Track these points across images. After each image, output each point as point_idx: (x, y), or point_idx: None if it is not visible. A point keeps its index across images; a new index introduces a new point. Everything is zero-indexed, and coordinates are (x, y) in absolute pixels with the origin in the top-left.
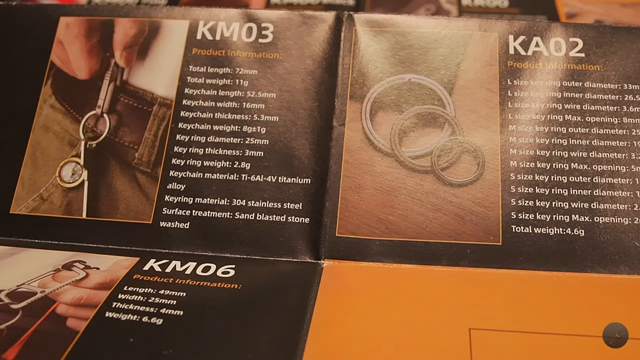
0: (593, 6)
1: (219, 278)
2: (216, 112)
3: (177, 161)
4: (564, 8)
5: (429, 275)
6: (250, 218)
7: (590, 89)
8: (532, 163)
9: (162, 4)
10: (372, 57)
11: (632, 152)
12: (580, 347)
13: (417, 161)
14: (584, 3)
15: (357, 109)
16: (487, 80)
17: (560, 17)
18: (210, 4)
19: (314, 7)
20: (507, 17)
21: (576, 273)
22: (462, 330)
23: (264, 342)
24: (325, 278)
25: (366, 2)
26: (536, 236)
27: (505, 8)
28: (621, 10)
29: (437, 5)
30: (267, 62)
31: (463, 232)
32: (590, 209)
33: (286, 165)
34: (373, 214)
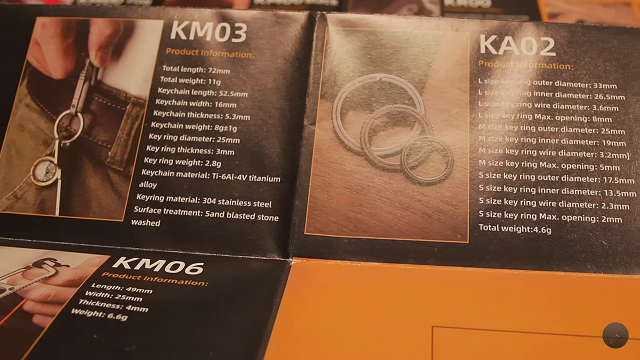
0: (575, 6)
1: (186, 276)
2: (189, 111)
3: (150, 160)
4: (546, 8)
5: (396, 273)
6: (220, 216)
7: (560, 88)
8: (501, 162)
9: (146, 4)
10: (344, 56)
11: (600, 151)
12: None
13: (386, 160)
14: (566, 3)
15: (328, 108)
16: (458, 79)
17: (543, 16)
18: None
19: (297, 7)
20: (489, 16)
21: (542, 271)
22: (425, 328)
23: (226, 339)
24: (293, 276)
25: (349, 2)
26: (503, 234)
27: (487, 8)
28: (603, 10)
29: (419, 5)
30: (240, 62)
31: (431, 231)
32: (558, 208)
33: (257, 164)
34: (342, 213)
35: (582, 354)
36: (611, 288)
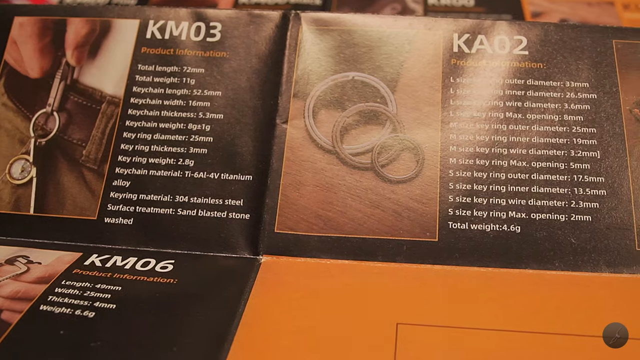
0: (559, 5)
1: (156, 273)
2: (163, 110)
3: (123, 158)
4: (529, 7)
5: (365, 271)
6: (192, 214)
7: (532, 87)
8: (471, 160)
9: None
10: (317, 55)
11: (571, 149)
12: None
13: (357, 158)
14: (550, 2)
15: (300, 107)
16: (430, 78)
17: (526, 16)
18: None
19: (281, 6)
20: (472, 15)
21: (510, 269)
22: (390, 325)
23: (191, 335)
24: (262, 273)
25: (333, 1)
26: (472, 232)
27: (471, 7)
28: (587, 9)
29: (402, 4)
30: (214, 61)
31: (400, 229)
32: (528, 206)
33: (229, 163)
34: (312, 211)
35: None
36: (579, 286)
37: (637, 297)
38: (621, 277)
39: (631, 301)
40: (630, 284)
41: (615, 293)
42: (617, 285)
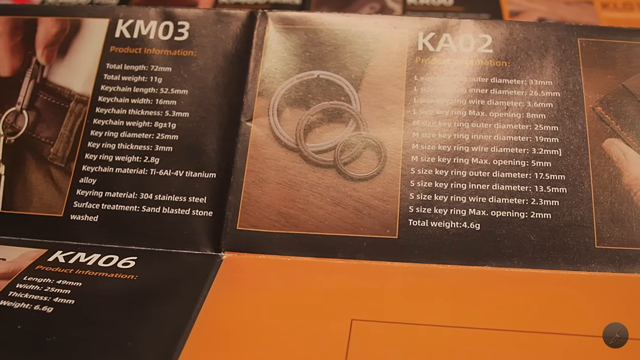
0: (537, 4)
1: (117, 269)
2: (130, 108)
3: (90, 156)
4: (508, 6)
5: (324, 267)
6: (156, 211)
7: (496, 85)
8: (433, 158)
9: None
10: (283, 54)
11: (533, 148)
12: (463, 339)
13: (320, 156)
14: (529, 1)
15: (265, 105)
16: (395, 76)
17: (504, 15)
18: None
19: (261, 5)
20: (450, 15)
21: (470, 266)
22: (345, 321)
23: (147, 331)
24: (223, 270)
25: (312, 1)
26: (432, 230)
27: (449, 6)
28: (565, 8)
29: (381, 3)
30: (182, 60)
31: (361, 226)
32: (488, 203)
33: (194, 160)
34: (274, 208)
35: (503, 348)
36: (536, 283)
37: (592, 295)
38: (579, 275)
39: (588, 299)
40: (587, 282)
41: (572, 291)
42: (575, 283)
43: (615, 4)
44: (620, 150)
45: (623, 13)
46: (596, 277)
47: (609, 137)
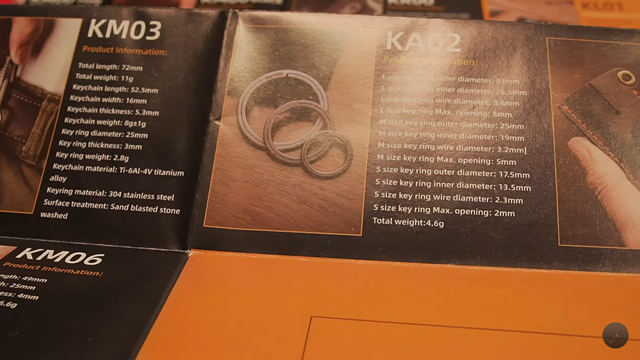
0: (518, 4)
1: (84, 266)
2: (101, 107)
3: (61, 154)
4: (488, 6)
5: (288, 265)
6: (124, 209)
7: (464, 84)
8: (399, 156)
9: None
10: (253, 53)
11: (498, 146)
12: (423, 336)
13: (287, 154)
14: (509, 1)
15: (233, 104)
16: (363, 75)
17: (484, 14)
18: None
19: (242, 5)
20: (430, 15)
21: (432, 264)
22: (304, 318)
23: (108, 327)
24: (188, 267)
25: (293, 1)
26: (396, 228)
27: (430, 6)
28: (546, 8)
29: (362, 3)
30: (153, 59)
31: (326, 224)
32: (452, 202)
33: (162, 159)
34: (241, 206)
35: (461, 345)
36: (498, 281)
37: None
38: (541, 273)
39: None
40: (549, 280)
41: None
42: (537, 281)
43: (596, 3)
44: (585, 148)
45: (603, 13)
46: (558, 275)
47: (574, 136)
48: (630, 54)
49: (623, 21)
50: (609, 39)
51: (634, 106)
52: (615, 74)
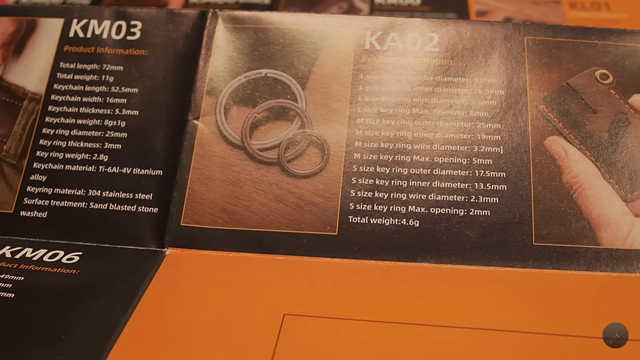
0: (505, 4)
1: (61, 264)
2: (81, 106)
3: (41, 154)
4: (475, 5)
5: (264, 263)
6: (103, 208)
7: (441, 83)
8: (375, 155)
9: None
10: (232, 53)
11: (474, 145)
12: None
13: (265, 153)
14: (496, 1)
15: (212, 103)
16: (341, 75)
17: (471, 14)
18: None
19: (230, 5)
20: (417, 14)
21: (407, 263)
22: (277, 315)
23: (82, 324)
24: (165, 265)
25: (280, 1)
26: (372, 226)
27: (417, 6)
28: (533, 8)
29: (349, 3)
30: (133, 59)
31: (302, 222)
32: (428, 200)
33: (141, 158)
34: (218, 204)
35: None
36: (472, 279)
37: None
38: (515, 272)
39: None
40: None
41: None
42: (511, 280)
43: (583, 3)
44: (561, 147)
45: (591, 12)
46: (532, 274)
47: (551, 135)
48: (608, 53)
49: (610, 21)
50: (587, 39)
51: (611, 105)
52: (592, 73)
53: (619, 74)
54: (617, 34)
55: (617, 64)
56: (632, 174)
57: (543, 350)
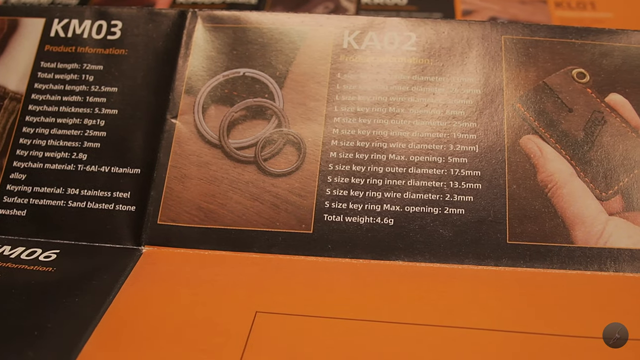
0: (491, 3)
1: (38, 262)
2: (61, 105)
3: (21, 152)
4: (461, 5)
5: (239, 261)
6: (81, 206)
7: (419, 82)
8: (351, 154)
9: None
10: (211, 52)
11: (450, 144)
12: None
13: (242, 152)
14: (482, 0)
15: (190, 102)
16: (319, 74)
17: (457, 14)
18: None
19: (217, 5)
20: (403, 14)
21: (380, 260)
22: (249, 313)
23: (56, 321)
24: (141, 263)
25: (267, 1)
26: (346, 225)
27: (403, 5)
28: (519, 7)
29: (335, 2)
30: (114, 58)
31: (277, 221)
32: (402, 199)
33: (120, 156)
34: (195, 203)
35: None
36: (445, 277)
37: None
38: (489, 270)
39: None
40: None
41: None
42: (484, 278)
43: (569, 3)
44: (536, 146)
45: (576, 12)
46: (506, 272)
47: (527, 134)
48: (585, 52)
49: (595, 20)
50: (565, 38)
51: (587, 104)
52: (569, 72)
53: (596, 73)
54: (594, 33)
55: (594, 63)
56: (607, 172)
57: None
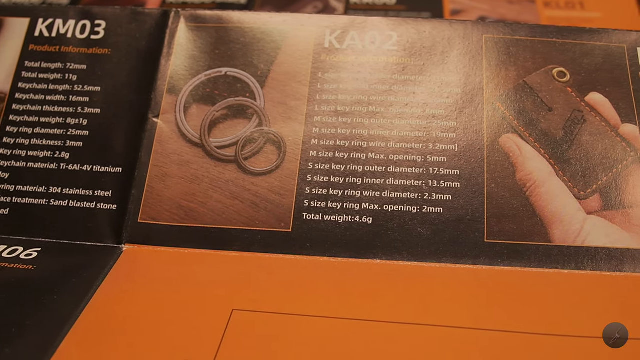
0: (479, 3)
1: (19, 260)
2: (45, 105)
3: (5, 151)
4: (450, 5)
5: (218, 259)
6: (63, 205)
7: (399, 81)
8: (331, 153)
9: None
10: (193, 52)
11: (430, 143)
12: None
13: (222, 151)
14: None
15: (172, 102)
16: (300, 73)
17: (446, 13)
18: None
19: (207, 5)
20: (392, 14)
21: (359, 259)
22: (226, 311)
23: (34, 318)
24: (121, 262)
25: (256, 1)
26: (325, 223)
27: (392, 5)
28: (507, 7)
29: (324, 2)
30: (97, 58)
31: (257, 219)
32: (381, 198)
33: (102, 155)
34: (175, 202)
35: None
36: (422, 276)
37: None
38: (466, 268)
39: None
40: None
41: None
42: (461, 277)
43: (558, 2)
44: (515, 145)
45: (565, 12)
46: (483, 271)
47: (506, 133)
48: (566, 51)
49: (584, 20)
50: (546, 37)
51: (567, 103)
52: (550, 71)
53: (577, 72)
54: (575, 32)
55: (574, 62)
56: (585, 171)
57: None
